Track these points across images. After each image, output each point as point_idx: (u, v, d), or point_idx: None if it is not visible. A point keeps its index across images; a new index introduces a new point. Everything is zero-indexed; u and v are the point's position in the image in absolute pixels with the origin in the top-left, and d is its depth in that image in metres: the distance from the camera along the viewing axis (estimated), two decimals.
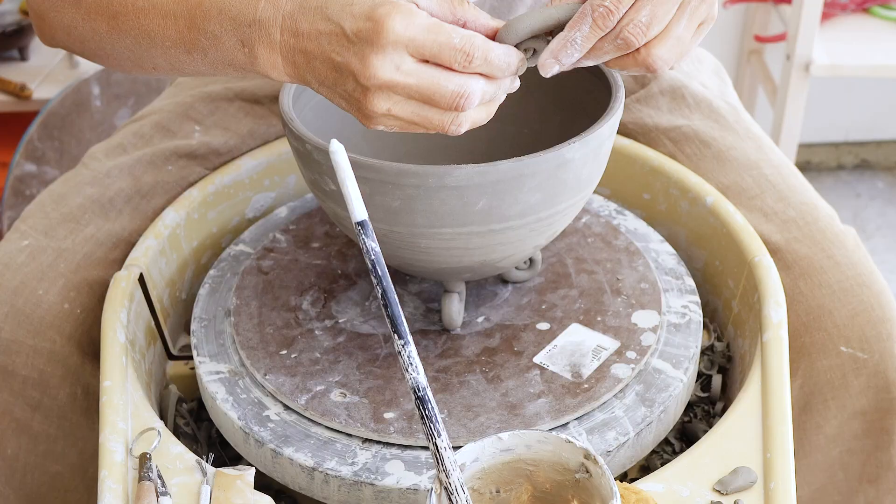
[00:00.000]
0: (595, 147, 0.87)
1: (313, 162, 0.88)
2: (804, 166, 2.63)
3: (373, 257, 0.68)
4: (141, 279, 1.03)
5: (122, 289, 1.00)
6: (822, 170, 2.64)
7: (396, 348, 0.69)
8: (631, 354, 0.95)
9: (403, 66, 0.75)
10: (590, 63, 0.80)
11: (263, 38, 0.80)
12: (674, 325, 0.99)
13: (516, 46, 0.79)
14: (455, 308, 0.95)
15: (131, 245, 1.07)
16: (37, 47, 2.15)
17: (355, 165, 0.82)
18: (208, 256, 1.13)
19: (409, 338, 0.68)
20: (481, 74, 0.77)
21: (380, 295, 0.68)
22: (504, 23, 0.79)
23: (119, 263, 1.06)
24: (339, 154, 0.69)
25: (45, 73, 2.09)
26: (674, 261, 1.06)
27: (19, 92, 2.02)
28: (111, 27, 0.89)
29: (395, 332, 0.68)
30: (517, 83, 0.80)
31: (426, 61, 0.76)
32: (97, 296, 1.04)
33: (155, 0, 0.86)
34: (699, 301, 1.02)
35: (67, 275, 1.04)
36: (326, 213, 1.06)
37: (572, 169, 0.86)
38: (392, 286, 0.68)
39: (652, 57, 0.78)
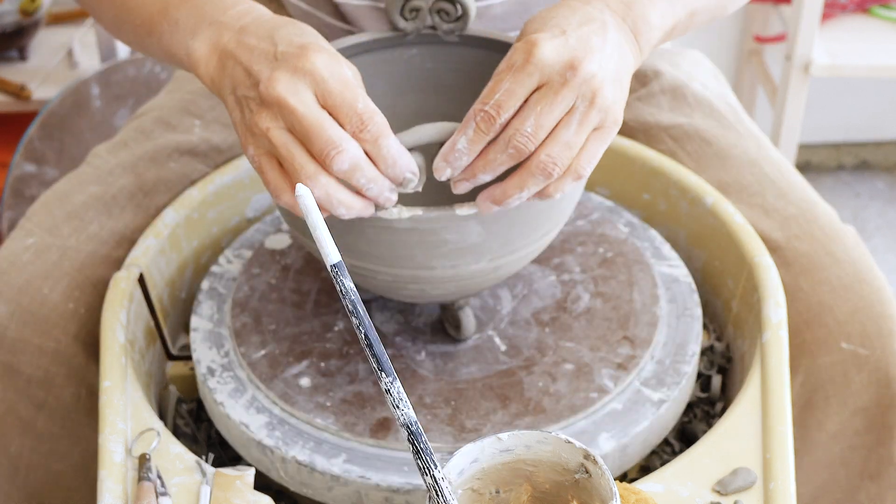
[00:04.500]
0: None
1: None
2: (804, 166, 2.62)
3: (352, 297, 0.65)
4: (141, 279, 1.03)
5: (121, 289, 1.00)
6: (821, 170, 2.64)
7: (384, 386, 0.66)
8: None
9: (302, 94, 0.78)
10: (488, 177, 0.81)
11: (212, 37, 0.85)
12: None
13: None
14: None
15: (134, 243, 1.07)
16: (37, 47, 2.14)
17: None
18: (208, 256, 1.13)
19: (395, 375, 0.66)
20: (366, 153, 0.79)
21: (362, 337, 0.66)
22: None
23: (122, 262, 1.06)
24: (307, 198, 0.66)
25: (45, 73, 2.09)
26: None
27: (19, 92, 2.02)
28: None
29: (380, 370, 0.65)
30: (394, 197, 0.81)
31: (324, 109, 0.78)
32: (101, 295, 1.03)
33: None
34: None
35: (72, 273, 1.04)
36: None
37: None
38: (373, 326, 0.66)
39: (543, 159, 0.79)
